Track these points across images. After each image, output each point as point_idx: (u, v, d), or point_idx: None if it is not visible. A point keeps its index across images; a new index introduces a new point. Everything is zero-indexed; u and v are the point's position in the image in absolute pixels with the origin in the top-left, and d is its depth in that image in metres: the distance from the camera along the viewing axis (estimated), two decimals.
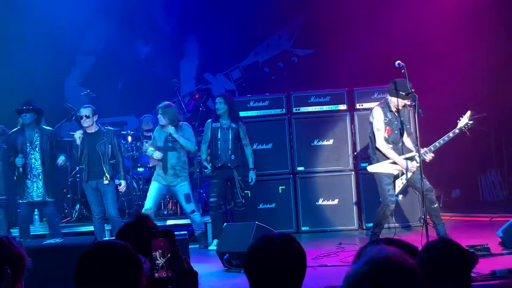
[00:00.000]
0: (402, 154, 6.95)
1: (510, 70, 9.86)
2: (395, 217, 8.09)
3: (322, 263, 6.40)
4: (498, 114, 9.96)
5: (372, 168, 7.07)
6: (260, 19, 11.31)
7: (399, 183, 6.97)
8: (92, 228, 8.04)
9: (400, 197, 8.11)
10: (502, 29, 10.07)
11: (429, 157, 6.81)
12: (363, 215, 8.79)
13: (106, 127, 7.97)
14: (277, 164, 8.96)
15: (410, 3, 10.25)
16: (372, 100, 8.70)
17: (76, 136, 7.69)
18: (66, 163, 8.00)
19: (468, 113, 6.85)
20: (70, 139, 8.82)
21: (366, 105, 8.75)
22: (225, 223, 7.45)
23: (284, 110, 9.06)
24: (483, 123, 7.23)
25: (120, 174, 7.77)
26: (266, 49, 11.79)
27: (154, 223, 3.01)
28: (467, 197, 10.67)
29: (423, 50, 10.11)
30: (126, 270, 1.93)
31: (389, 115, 6.96)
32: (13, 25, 10.44)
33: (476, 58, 9.78)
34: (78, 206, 9.25)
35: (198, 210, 8.26)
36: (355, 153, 8.94)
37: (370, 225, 7.93)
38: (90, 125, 7.66)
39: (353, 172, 8.91)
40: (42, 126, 7.78)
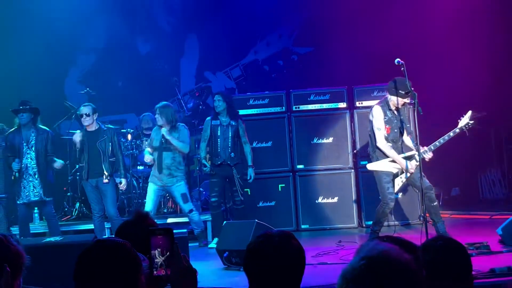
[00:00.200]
0: (401, 153, 6.94)
1: (510, 68, 9.85)
2: (395, 215, 8.10)
3: (321, 261, 6.40)
4: (498, 112, 9.95)
5: (371, 166, 7.07)
6: (260, 17, 11.30)
7: (399, 181, 6.96)
8: (92, 226, 8.04)
9: (399, 195, 8.11)
10: (503, 27, 10.05)
11: (428, 156, 6.80)
12: (363, 213, 8.80)
13: (106, 125, 7.96)
14: (277, 162, 8.96)
15: (410, 2, 10.24)
16: (372, 98, 8.71)
17: (75, 139, 7.67)
18: (61, 166, 7.93)
19: (469, 113, 6.81)
20: (70, 137, 8.83)
21: (366, 103, 8.75)
22: (224, 221, 7.45)
23: (284, 108, 9.05)
24: (483, 122, 7.20)
25: (120, 172, 7.77)
26: (266, 47, 11.79)
27: (154, 221, 3.00)
28: (467, 195, 10.66)
29: (423, 48, 10.09)
30: (125, 268, 1.93)
31: (388, 114, 6.94)
32: (13, 23, 10.43)
33: (476, 56, 9.76)
34: (78, 204, 9.26)
35: (197, 209, 8.26)
36: (355, 151, 8.94)
37: (369, 223, 7.94)
38: (90, 123, 7.66)
39: (352, 170, 8.91)
40: (39, 125, 7.77)
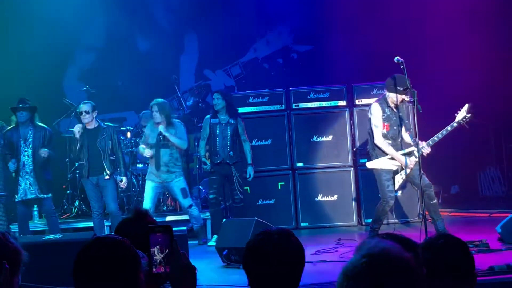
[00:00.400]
0: (401, 150, 6.94)
1: (509, 66, 9.85)
2: (394, 213, 8.10)
3: (321, 259, 6.42)
4: (498, 110, 9.96)
5: (371, 164, 7.06)
6: (259, 15, 11.30)
7: (399, 179, 6.96)
8: (91, 224, 8.03)
9: (399, 193, 8.10)
10: (502, 24, 10.05)
11: (426, 151, 6.79)
12: (362, 211, 8.80)
13: (105, 123, 7.96)
14: (276, 160, 8.95)
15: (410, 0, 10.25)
16: (371, 96, 8.69)
17: (75, 130, 7.66)
18: (48, 154, 7.68)
19: (466, 106, 6.78)
20: (69, 135, 8.82)
21: (366, 101, 8.74)
22: (224, 219, 7.45)
23: (283, 106, 9.04)
24: (483, 119, 7.20)
25: (120, 170, 7.74)
26: (265, 45, 11.78)
27: (153, 219, 3.00)
28: (466, 193, 10.67)
29: (423, 46, 10.09)
30: (124, 265, 1.93)
31: (387, 111, 6.93)
32: (12, 21, 10.43)
33: (475, 53, 9.76)
34: (77, 202, 9.27)
35: (197, 205, 8.26)
36: (354, 149, 8.93)
37: (369, 221, 7.94)
38: (90, 121, 7.64)
39: (352, 168, 8.91)
40: (37, 123, 7.76)
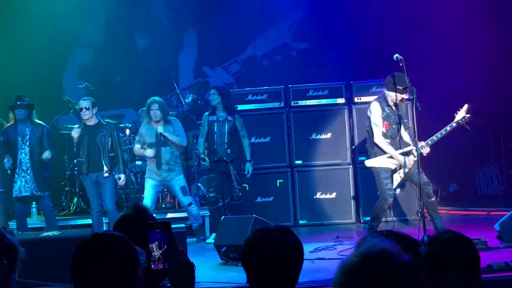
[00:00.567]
0: (399, 149, 6.94)
1: (509, 65, 9.85)
2: (393, 211, 8.11)
3: (319, 257, 6.42)
4: (497, 108, 9.96)
5: (369, 162, 7.06)
6: (258, 13, 11.27)
7: (397, 177, 6.96)
8: (90, 221, 8.02)
9: (397, 191, 8.11)
10: (502, 24, 10.04)
11: (425, 150, 6.79)
12: (361, 209, 8.80)
13: (105, 120, 7.93)
14: (275, 157, 8.95)
15: None
16: (370, 93, 8.69)
17: (73, 134, 7.61)
18: (50, 157, 7.74)
19: (465, 106, 6.78)
20: (68, 132, 8.81)
21: (365, 98, 8.73)
22: (222, 217, 7.45)
23: (282, 103, 9.04)
24: (482, 118, 7.20)
25: (119, 167, 7.70)
26: (264, 42, 11.76)
27: (152, 215, 3.00)
28: (465, 191, 10.66)
29: (422, 45, 10.08)
30: (122, 262, 1.93)
31: (386, 110, 6.93)
32: (11, 18, 10.41)
33: (475, 52, 9.76)
34: (76, 199, 9.26)
35: (196, 203, 8.26)
36: (353, 146, 8.93)
37: (367, 218, 7.94)
38: (89, 117, 7.60)
39: (351, 165, 8.91)
40: (35, 120, 7.75)
